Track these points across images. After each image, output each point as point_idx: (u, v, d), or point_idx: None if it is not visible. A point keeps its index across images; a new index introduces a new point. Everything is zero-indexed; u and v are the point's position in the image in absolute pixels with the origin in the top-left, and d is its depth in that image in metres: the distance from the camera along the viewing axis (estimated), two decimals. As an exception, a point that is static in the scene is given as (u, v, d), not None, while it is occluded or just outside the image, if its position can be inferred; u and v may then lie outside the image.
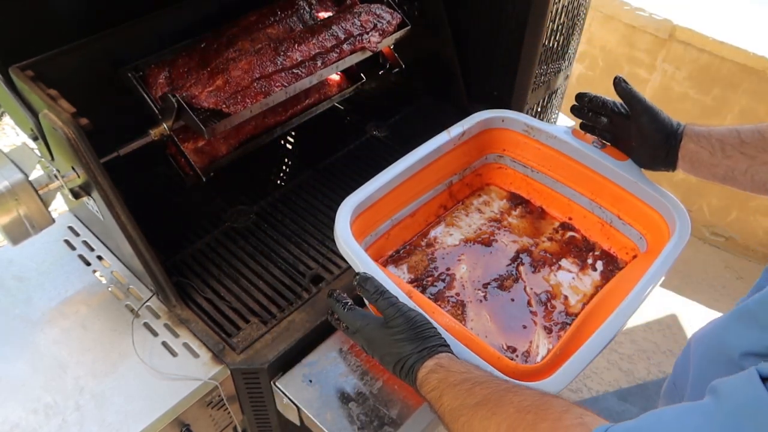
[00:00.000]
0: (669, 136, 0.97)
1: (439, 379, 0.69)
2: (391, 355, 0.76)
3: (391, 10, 1.24)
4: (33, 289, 1.03)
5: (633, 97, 1.00)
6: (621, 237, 1.10)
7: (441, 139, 1.09)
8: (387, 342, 0.76)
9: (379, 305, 0.79)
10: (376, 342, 0.78)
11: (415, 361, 0.73)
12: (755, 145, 0.85)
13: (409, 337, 0.75)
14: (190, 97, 1.01)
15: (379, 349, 0.78)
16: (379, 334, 0.77)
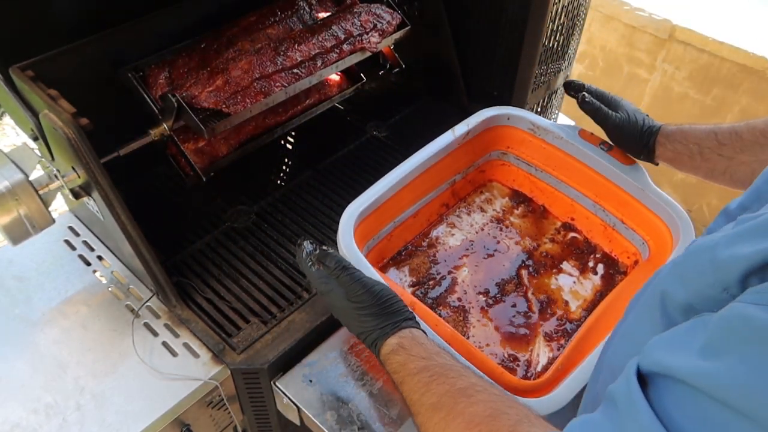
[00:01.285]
0: (640, 145, 1.00)
1: (400, 363, 0.68)
2: (354, 327, 0.76)
3: (391, 10, 1.24)
4: (33, 289, 1.03)
5: (597, 113, 1.04)
6: (623, 241, 1.10)
7: (445, 139, 1.09)
8: (350, 314, 0.75)
9: (341, 281, 0.78)
10: (338, 311, 0.78)
11: (377, 337, 0.72)
12: (732, 146, 0.86)
13: (372, 313, 0.73)
14: (190, 97, 1.01)
15: (343, 318, 0.78)
16: (343, 305, 0.76)
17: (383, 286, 0.77)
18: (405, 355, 0.68)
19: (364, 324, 0.74)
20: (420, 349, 0.68)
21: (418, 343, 0.69)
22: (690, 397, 0.36)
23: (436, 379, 0.63)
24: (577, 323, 1.02)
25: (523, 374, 0.94)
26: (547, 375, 0.85)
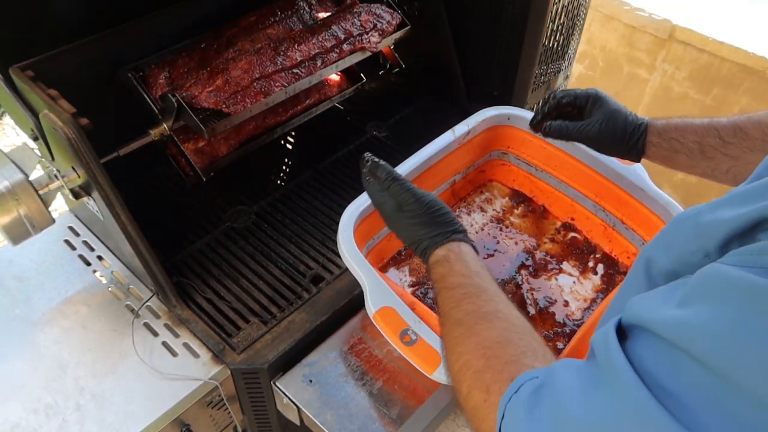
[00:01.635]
0: (626, 148, 0.89)
1: (441, 275, 0.70)
2: (405, 237, 0.77)
3: (391, 10, 1.24)
4: (33, 289, 1.03)
5: (564, 135, 0.93)
6: (623, 241, 1.10)
7: (445, 139, 1.09)
8: (402, 224, 0.77)
9: (392, 191, 0.79)
10: (392, 222, 0.80)
11: (427, 246, 0.74)
12: (738, 145, 0.79)
13: (422, 222, 0.75)
14: (190, 97, 1.01)
15: (396, 228, 0.79)
16: (395, 215, 0.78)
17: (433, 197, 0.78)
18: (447, 268, 0.70)
19: (414, 233, 0.75)
20: (461, 265, 0.70)
21: (462, 260, 0.71)
22: (662, 347, 0.37)
23: (467, 298, 0.65)
24: (577, 323, 1.02)
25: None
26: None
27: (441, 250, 0.72)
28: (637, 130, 0.88)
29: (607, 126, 0.89)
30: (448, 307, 0.65)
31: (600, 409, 0.39)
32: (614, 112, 0.90)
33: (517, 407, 0.48)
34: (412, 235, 0.76)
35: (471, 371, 0.57)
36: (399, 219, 0.78)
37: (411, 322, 0.82)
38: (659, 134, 0.87)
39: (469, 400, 0.56)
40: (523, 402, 0.48)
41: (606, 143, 0.90)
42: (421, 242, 0.75)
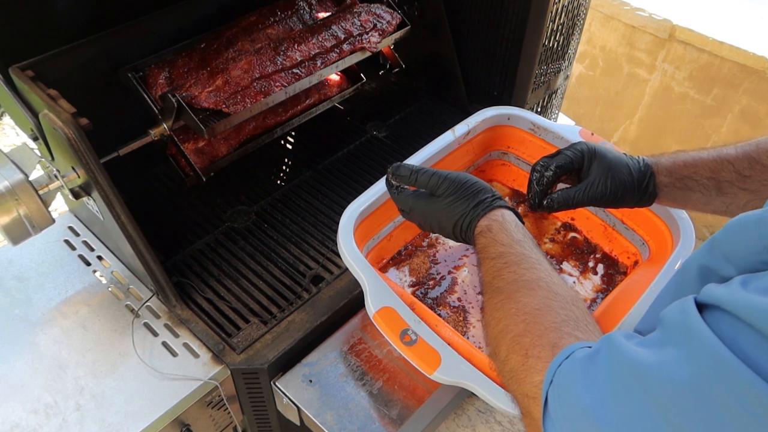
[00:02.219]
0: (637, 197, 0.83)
1: (483, 246, 0.70)
2: (448, 221, 0.75)
3: (391, 10, 1.24)
4: (33, 289, 1.03)
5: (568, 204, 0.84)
6: (623, 241, 1.10)
7: (445, 139, 1.09)
8: (440, 209, 0.76)
9: (420, 182, 0.78)
10: (430, 214, 0.78)
11: (471, 220, 0.73)
12: (757, 178, 0.73)
13: (459, 197, 0.74)
14: (190, 97, 1.01)
15: (436, 220, 0.77)
16: (431, 205, 0.77)
17: (460, 172, 0.77)
18: (490, 238, 0.70)
19: (454, 212, 0.74)
20: (504, 235, 0.69)
21: (505, 229, 0.70)
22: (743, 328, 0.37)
23: (508, 267, 0.65)
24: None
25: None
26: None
27: (484, 220, 0.72)
28: (645, 175, 0.81)
29: (612, 180, 0.81)
30: (490, 277, 0.66)
31: (674, 367, 0.39)
32: (614, 162, 0.82)
33: (571, 371, 0.48)
34: (452, 216, 0.74)
35: (510, 336, 0.58)
36: (435, 207, 0.77)
37: (411, 322, 0.82)
38: (669, 174, 0.80)
39: (507, 363, 0.57)
40: (577, 365, 0.48)
41: (616, 198, 0.82)
42: (464, 218, 0.74)
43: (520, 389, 0.55)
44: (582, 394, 0.46)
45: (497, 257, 0.67)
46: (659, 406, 0.39)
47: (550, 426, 0.48)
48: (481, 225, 0.72)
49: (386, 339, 0.82)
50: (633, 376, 0.42)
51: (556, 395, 0.48)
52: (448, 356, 0.79)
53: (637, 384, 0.41)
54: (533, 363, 0.54)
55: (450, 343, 0.81)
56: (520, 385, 0.55)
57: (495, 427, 1.44)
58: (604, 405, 0.43)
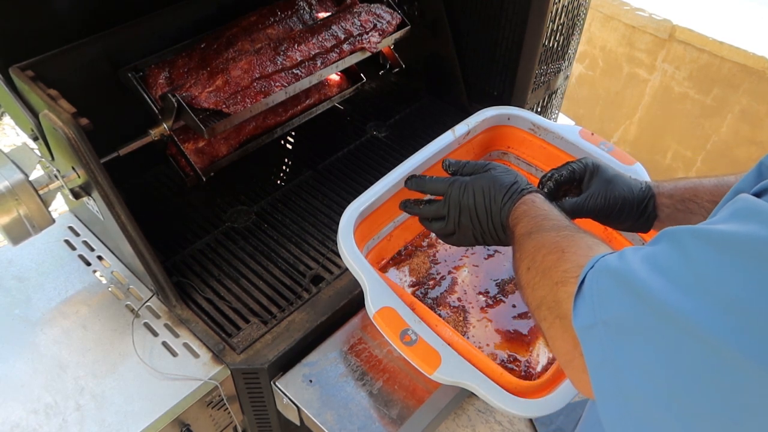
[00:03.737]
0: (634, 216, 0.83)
1: (524, 211, 0.72)
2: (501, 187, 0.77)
3: (391, 10, 1.24)
4: (33, 289, 1.03)
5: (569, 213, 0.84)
6: (623, 241, 1.10)
7: (445, 139, 1.09)
8: (494, 177, 0.78)
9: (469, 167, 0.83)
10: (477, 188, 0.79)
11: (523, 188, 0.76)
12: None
13: (507, 171, 0.79)
14: (190, 97, 1.01)
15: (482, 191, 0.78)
16: (479, 179, 0.79)
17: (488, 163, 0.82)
18: (531, 206, 0.73)
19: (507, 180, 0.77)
20: (546, 206, 0.72)
21: (546, 202, 0.73)
22: None
23: (548, 220, 0.68)
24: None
25: (524, 375, 0.94)
26: (547, 375, 0.85)
27: (527, 195, 0.75)
28: (645, 195, 0.82)
29: (612, 194, 0.83)
30: (527, 230, 0.68)
31: (744, 233, 0.38)
32: (615, 179, 0.84)
33: (621, 256, 0.47)
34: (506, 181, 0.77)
35: (547, 245, 0.60)
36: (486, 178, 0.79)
37: (411, 322, 0.82)
38: (670, 196, 0.81)
39: (542, 263, 0.59)
40: (630, 252, 0.46)
41: (615, 212, 0.83)
42: (517, 184, 0.76)
43: (550, 280, 0.55)
44: (628, 266, 0.44)
45: (537, 216, 0.69)
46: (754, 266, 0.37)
47: (580, 301, 0.48)
48: (524, 198, 0.75)
49: (386, 339, 0.82)
50: (714, 243, 0.40)
51: (596, 274, 0.48)
52: (448, 356, 0.79)
53: (723, 250, 0.39)
54: (569, 257, 0.55)
55: (450, 343, 0.81)
56: (551, 276, 0.55)
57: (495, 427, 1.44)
58: (657, 271, 0.42)
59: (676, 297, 0.39)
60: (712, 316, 0.37)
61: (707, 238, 0.41)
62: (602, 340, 0.45)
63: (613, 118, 2.46)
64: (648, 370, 0.41)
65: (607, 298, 0.46)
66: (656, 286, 0.41)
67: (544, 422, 1.43)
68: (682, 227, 0.44)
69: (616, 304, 0.44)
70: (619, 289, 0.44)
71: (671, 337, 0.40)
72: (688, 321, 0.38)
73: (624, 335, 0.43)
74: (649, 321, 0.41)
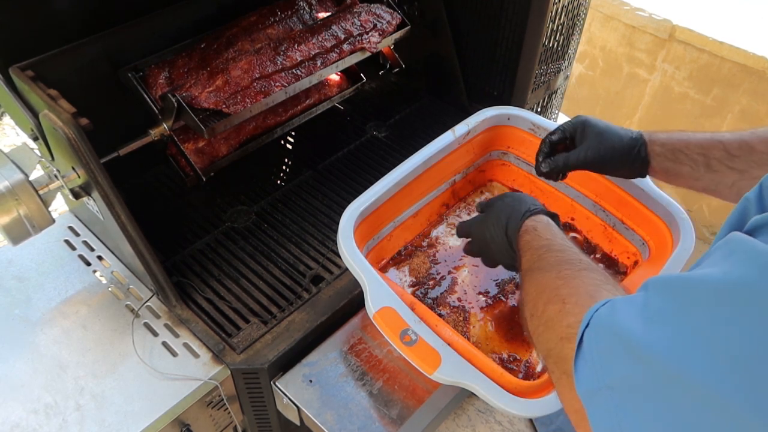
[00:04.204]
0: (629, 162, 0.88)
1: (527, 241, 0.75)
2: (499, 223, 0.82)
3: (391, 10, 1.24)
4: (33, 289, 1.03)
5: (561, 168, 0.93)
6: (623, 241, 1.10)
7: (445, 139, 1.09)
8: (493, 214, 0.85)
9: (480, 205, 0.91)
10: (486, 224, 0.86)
11: (521, 215, 0.79)
12: (745, 159, 0.77)
13: (508, 203, 0.84)
14: (190, 97, 1.01)
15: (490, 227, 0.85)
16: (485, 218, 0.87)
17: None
18: (534, 235, 0.76)
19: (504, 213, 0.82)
20: (548, 233, 0.75)
21: (548, 228, 0.76)
22: None
23: (551, 253, 0.69)
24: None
25: (524, 375, 0.94)
26: (547, 375, 0.85)
27: (529, 221, 0.78)
28: (636, 142, 0.87)
29: (603, 144, 0.88)
30: (530, 263, 0.69)
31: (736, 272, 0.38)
32: (605, 129, 0.89)
33: (611, 309, 0.47)
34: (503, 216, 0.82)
35: (548, 291, 0.60)
36: (489, 215, 0.86)
37: (411, 322, 0.82)
38: (662, 144, 0.85)
39: (543, 314, 0.58)
40: (619, 303, 0.47)
41: (608, 161, 0.88)
42: (513, 216, 0.80)
43: (555, 334, 0.55)
44: (620, 324, 0.44)
45: (540, 248, 0.71)
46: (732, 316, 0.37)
47: (581, 363, 0.48)
48: (526, 225, 0.77)
49: (386, 339, 0.82)
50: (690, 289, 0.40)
51: (593, 332, 0.48)
52: (448, 356, 0.79)
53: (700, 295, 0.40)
54: (570, 308, 0.55)
55: (450, 343, 0.81)
56: (555, 330, 0.55)
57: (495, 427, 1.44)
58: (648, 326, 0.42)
59: (678, 356, 0.39)
60: (716, 375, 0.36)
61: (704, 287, 0.40)
62: (608, 406, 0.44)
63: (613, 118, 2.46)
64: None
65: (607, 360, 0.45)
66: (654, 345, 0.41)
67: (544, 422, 1.43)
68: (671, 275, 0.43)
69: (618, 368, 0.44)
70: (617, 350, 0.44)
71: (678, 399, 0.39)
72: (693, 381, 0.37)
73: (629, 401, 0.42)
74: (653, 383, 0.40)
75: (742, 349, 0.36)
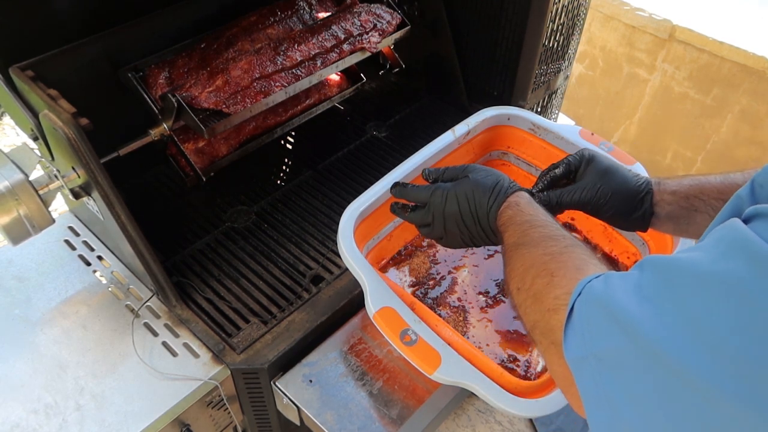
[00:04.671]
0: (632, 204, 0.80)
1: (510, 216, 0.72)
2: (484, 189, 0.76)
3: (391, 10, 1.24)
4: (33, 289, 1.03)
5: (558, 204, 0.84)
6: (623, 241, 1.10)
7: (445, 139, 1.09)
8: (475, 181, 0.77)
9: (449, 173, 0.82)
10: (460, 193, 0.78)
11: (507, 188, 0.75)
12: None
13: (490, 173, 0.78)
14: (190, 97, 1.01)
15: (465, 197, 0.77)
16: (462, 184, 0.78)
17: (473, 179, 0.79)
18: (516, 210, 0.73)
19: (489, 182, 0.76)
20: (531, 208, 0.72)
21: (531, 204, 0.73)
22: None
23: (534, 228, 0.67)
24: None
25: (523, 375, 0.94)
26: (547, 375, 0.85)
27: (512, 197, 0.74)
28: (642, 189, 0.79)
29: (604, 186, 0.80)
30: (515, 238, 0.68)
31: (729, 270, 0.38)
32: (609, 170, 0.81)
33: (606, 282, 0.47)
34: (488, 184, 0.76)
35: (536, 267, 0.60)
36: (469, 182, 0.78)
37: (411, 322, 0.82)
38: (674, 193, 0.77)
39: (531, 288, 0.58)
40: (615, 278, 0.47)
41: (604, 205, 0.80)
42: (499, 186, 0.75)
43: (543, 306, 0.55)
44: (612, 297, 0.45)
45: (523, 223, 0.69)
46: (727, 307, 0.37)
47: (570, 331, 0.48)
48: (509, 200, 0.74)
49: (386, 339, 0.82)
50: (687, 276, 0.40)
51: (584, 303, 0.48)
52: (448, 356, 0.79)
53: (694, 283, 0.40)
54: (558, 281, 0.55)
55: (450, 343, 0.81)
56: (543, 302, 0.55)
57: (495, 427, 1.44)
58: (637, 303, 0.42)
59: (664, 336, 0.39)
60: (699, 360, 0.37)
61: (694, 273, 0.40)
62: (594, 373, 0.45)
63: (613, 118, 2.46)
64: (641, 407, 0.41)
65: (597, 330, 0.45)
66: (644, 323, 0.41)
67: (544, 422, 1.43)
68: (666, 257, 0.44)
69: (605, 338, 0.44)
70: (608, 323, 0.44)
71: (661, 377, 0.40)
72: (677, 363, 0.38)
73: (615, 371, 0.43)
74: (639, 360, 0.41)
75: (729, 339, 0.37)
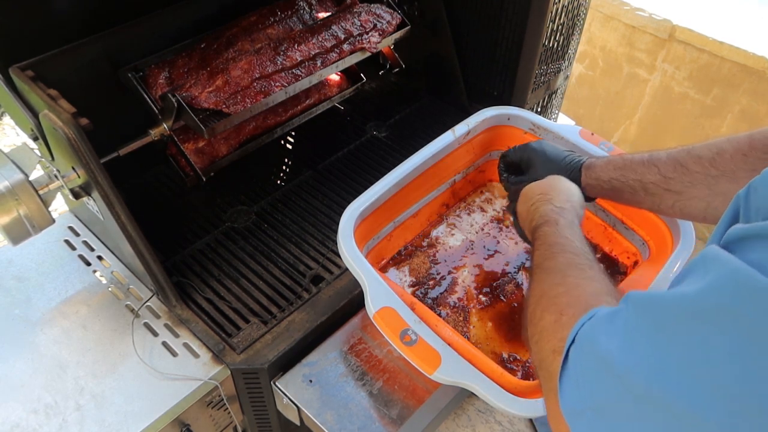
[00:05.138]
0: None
1: (545, 233, 0.74)
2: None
3: (391, 10, 1.24)
4: (33, 289, 1.03)
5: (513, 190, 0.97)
6: (623, 241, 1.10)
7: (445, 139, 1.09)
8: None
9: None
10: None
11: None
12: (680, 179, 0.78)
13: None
14: (190, 97, 1.01)
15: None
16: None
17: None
18: (554, 229, 0.74)
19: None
20: (569, 231, 0.73)
21: (570, 226, 0.75)
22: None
23: (563, 254, 0.68)
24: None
25: (524, 375, 0.94)
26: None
27: (552, 215, 0.77)
28: (571, 172, 0.90)
29: (546, 173, 0.90)
30: (542, 258, 0.69)
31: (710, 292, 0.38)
32: (551, 157, 0.93)
33: (591, 326, 0.47)
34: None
35: (547, 297, 0.60)
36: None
37: (411, 322, 0.82)
38: (597, 178, 0.88)
39: (540, 322, 0.58)
40: (598, 320, 0.47)
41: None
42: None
43: (548, 346, 0.55)
44: (601, 343, 0.44)
45: (554, 245, 0.70)
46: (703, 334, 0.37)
47: (566, 381, 0.48)
48: (550, 216, 0.76)
49: (386, 339, 0.82)
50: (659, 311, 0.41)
51: (577, 350, 0.48)
52: (448, 356, 0.79)
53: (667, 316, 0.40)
54: (566, 321, 0.54)
55: (450, 343, 0.81)
56: (549, 342, 0.55)
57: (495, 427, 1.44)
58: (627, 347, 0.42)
59: (654, 377, 0.39)
60: (701, 402, 0.37)
61: (677, 309, 0.40)
62: (592, 427, 0.44)
63: (613, 118, 2.46)
64: None
65: (591, 381, 0.45)
66: (633, 366, 0.41)
67: (544, 422, 1.43)
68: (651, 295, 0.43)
69: (600, 389, 0.44)
70: (600, 372, 0.44)
71: (659, 420, 0.39)
72: (670, 401, 0.38)
73: (614, 424, 0.43)
74: (634, 406, 0.41)
75: (714, 369, 0.36)
